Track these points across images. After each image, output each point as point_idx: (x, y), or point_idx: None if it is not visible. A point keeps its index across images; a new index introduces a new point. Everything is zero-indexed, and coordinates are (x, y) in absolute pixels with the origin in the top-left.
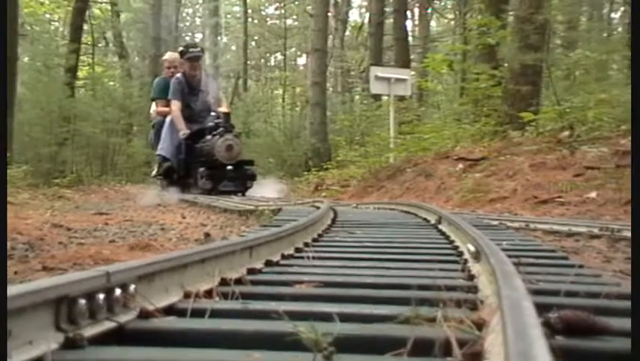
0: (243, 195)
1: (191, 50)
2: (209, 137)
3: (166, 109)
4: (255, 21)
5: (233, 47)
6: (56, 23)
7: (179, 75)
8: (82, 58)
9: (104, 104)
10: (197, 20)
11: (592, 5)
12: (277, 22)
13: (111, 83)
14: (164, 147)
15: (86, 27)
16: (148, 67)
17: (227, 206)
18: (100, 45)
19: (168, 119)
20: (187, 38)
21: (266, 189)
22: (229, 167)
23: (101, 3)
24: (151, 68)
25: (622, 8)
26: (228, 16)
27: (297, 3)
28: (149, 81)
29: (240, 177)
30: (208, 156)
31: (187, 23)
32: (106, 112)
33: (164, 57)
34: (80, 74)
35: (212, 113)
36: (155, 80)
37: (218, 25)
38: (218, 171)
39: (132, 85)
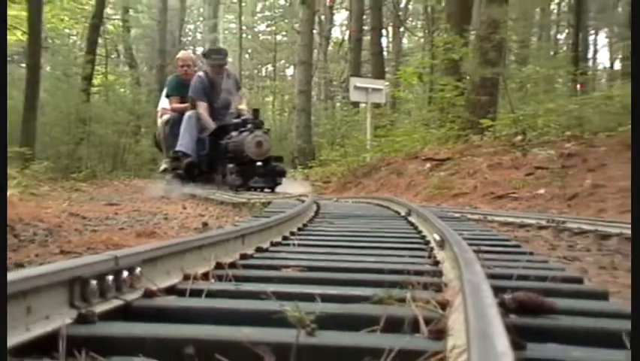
0: (273, 191)
1: (214, 56)
2: (234, 133)
3: (182, 105)
4: (249, 36)
5: (230, 59)
6: (74, 37)
7: (201, 73)
8: (96, 67)
9: (115, 109)
10: (199, 35)
11: (541, 27)
12: (268, 37)
13: (122, 89)
14: (183, 143)
15: (100, 41)
16: (155, 76)
17: (223, 199)
18: (112, 56)
19: (187, 115)
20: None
21: (294, 186)
22: (258, 163)
23: (113, 20)
24: (157, 76)
25: (566, 30)
26: (225, 32)
27: (286, 21)
28: (156, 88)
29: (270, 173)
30: (236, 152)
31: (189, 38)
32: (117, 115)
33: (178, 56)
34: (94, 81)
35: (232, 111)
36: (168, 78)
37: (216, 40)
38: (248, 167)
39: (140, 92)
